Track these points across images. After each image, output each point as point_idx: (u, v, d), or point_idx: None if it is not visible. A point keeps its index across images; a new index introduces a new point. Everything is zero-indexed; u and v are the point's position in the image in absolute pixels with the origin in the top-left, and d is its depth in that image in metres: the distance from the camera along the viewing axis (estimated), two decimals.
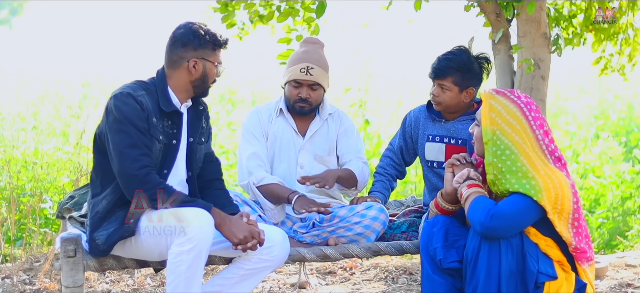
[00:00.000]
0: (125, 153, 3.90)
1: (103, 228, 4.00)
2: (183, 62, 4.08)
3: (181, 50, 4.07)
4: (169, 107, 4.07)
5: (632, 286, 5.38)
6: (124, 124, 3.91)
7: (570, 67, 18.14)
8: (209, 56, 4.11)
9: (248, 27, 6.46)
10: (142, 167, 3.91)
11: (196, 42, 4.06)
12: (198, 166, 4.31)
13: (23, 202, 6.54)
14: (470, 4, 5.88)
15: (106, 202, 4.01)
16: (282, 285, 5.70)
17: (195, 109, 4.25)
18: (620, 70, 6.79)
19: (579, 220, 3.89)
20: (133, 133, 3.92)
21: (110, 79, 17.10)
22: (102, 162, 4.05)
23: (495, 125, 3.92)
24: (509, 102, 3.95)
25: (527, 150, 3.88)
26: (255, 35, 6.73)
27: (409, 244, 4.54)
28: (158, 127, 4.03)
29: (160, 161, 4.07)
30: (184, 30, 4.09)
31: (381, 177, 5.05)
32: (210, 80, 4.17)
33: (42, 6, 29.83)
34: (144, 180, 3.90)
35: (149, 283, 5.64)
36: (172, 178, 4.13)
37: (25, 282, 5.54)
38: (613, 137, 11.58)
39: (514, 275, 3.84)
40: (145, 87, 4.08)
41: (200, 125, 4.27)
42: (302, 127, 4.91)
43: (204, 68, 4.10)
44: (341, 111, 5.02)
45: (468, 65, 4.71)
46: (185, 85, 4.13)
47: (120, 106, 3.94)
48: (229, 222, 4.01)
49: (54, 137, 9.48)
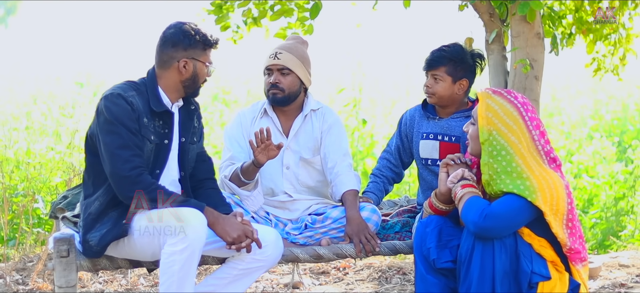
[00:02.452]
0: (116, 154, 3.89)
1: (96, 230, 3.99)
2: (173, 62, 4.07)
3: (171, 50, 4.06)
4: (159, 107, 4.06)
5: (625, 286, 5.38)
6: (115, 124, 3.91)
7: (564, 68, 18.17)
8: (200, 56, 4.10)
9: (242, 30, 6.45)
10: (134, 168, 3.90)
11: (186, 42, 4.06)
12: (190, 166, 4.30)
13: (16, 202, 6.53)
14: (464, 3, 5.88)
15: (99, 203, 4.01)
16: (276, 285, 5.69)
17: (186, 108, 4.24)
18: (614, 71, 6.79)
19: (573, 220, 3.90)
20: (124, 134, 3.91)
21: (103, 78, 17.09)
22: (94, 163, 4.04)
23: (492, 125, 3.92)
24: (506, 102, 3.95)
25: (522, 150, 3.88)
26: (250, 36, 6.72)
27: (402, 244, 4.53)
28: (149, 127, 4.02)
29: (152, 161, 4.06)
30: (174, 30, 4.08)
31: (376, 178, 5.04)
32: (201, 80, 4.16)
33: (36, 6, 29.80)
34: (136, 180, 3.90)
35: (142, 283, 5.64)
36: (164, 178, 4.12)
37: (18, 282, 5.53)
38: (606, 137, 11.60)
39: (507, 276, 3.84)
40: (136, 87, 4.07)
41: (192, 125, 4.26)
42: (286, 125, 4.87)
43: (194, 68, 4.10)
44: (327, 107, 4.95)
45: (461, 56, 4.74)
46: (175, 85, 4.12)
47: (110, 107, 3.93)
48: (222, 221, 4.00)
49: (46, 136, 9.46)
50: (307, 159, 4.83)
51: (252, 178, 4.60)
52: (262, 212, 4.75)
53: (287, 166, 4.82)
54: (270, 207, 4.80)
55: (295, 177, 4.82)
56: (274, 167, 4.79)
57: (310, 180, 4.86)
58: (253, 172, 4.56)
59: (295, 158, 4.82)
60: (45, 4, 28.90)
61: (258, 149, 4.45)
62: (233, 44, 6.55)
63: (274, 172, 4.81)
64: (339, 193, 4.72)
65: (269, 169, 4.77)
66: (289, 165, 4.82)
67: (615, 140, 11.24)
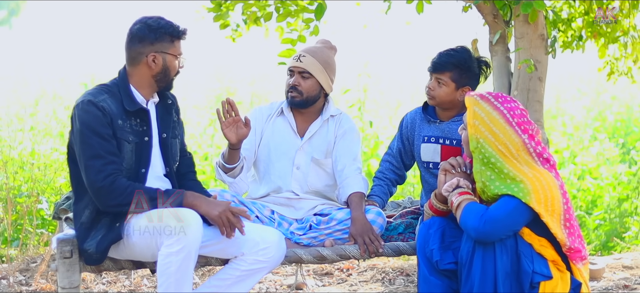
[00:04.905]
0: (89, 165, 3.87)
1: (91, 238, 3.97)
2: (142, 57, 4.04)
3: (139, 45, 4.04)
4: (133, 106, 4.03)
5: (628, 287, 5.38)
6: (86, 134, 3.88)
7: (569, 70, 18.16)
8: (168, 49, 4.07)
9: (241, 28, 6.45)
10: (107, 176, 3.87)
11: (153, 36, 4.03)
12: (175, 160, 4.27)
13: (20, 202, 6.54)
14: (468, 5, 5.88)
15: (88, 212, 3.99)
16: (279, 286, 5.69)
17: (163, 103, 4.21)
18: (628, 74, 6.77)
19: (570, 220, 3.89)
20: (95, 143, 3.88)
21: (107, 79, 17.05)
22: (76, 172, 4.03)
23: (479, 134, 3.92)
24: (492, 109, 3.94)
25: (511, 157, 3.87)
26: (254, 35, 6.72)
27: (405, 245, 4.53)
28: (125, 128, 4.00)
29: (134, 161, 4.04)
30: (139, 25, 4.06)
31: (380, 181, 5.03)
32: (173, 73, 4.12)
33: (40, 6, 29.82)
34: (110, 189, 3.87)
35: (146, 284, 5.64)
36: (150, 176, 4.11)
37: (21, 282, 5.53)
38: (609, 138, 11.59)
39: (509, 276, 3.84)
40: (108, 89, 4.04)
41: (171, 119, 4.23)
42: (302, 127, 4.88)
43: (164, 61, 4.06)
44: (344, 114, 4.96)
45: (468, 64, 4.71)
46: (147, 81, 4.09)
47: (81, 115, 3.91)
48: (202, 200, 4.01)
49: (51, 137, 9.48)
50: (319, 160, 4.83)
51: (235, 163, 4.60)
52: (267, 210, 4.75)
53: (298, 166, 4.82)
54: (275, 204, 4.79)
55: (304, 177, 4.82)
56: (284, 166, 4.81)
57: (319, 182, 4.86)
58: (231, 154, 4.56)
59: (306, 159, 4.83)
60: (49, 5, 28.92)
61: (225, 123, 4.44)
62: (232, 42, 6.55)
63: (284, 171, 4.82)
64: (345, 195, 4.73)
65: (278, 167, 4.79)
66: (300, 165, 4.82)
67: (620, 142, 11.22)
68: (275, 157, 4.83)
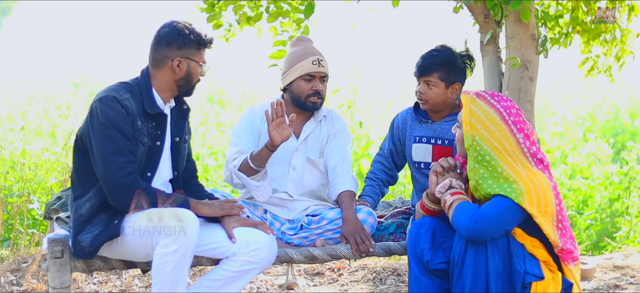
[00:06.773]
0: (111, 160, 3.88)
1: (88, 231, 3.97)
2: (167, 61, 4.06)
3: (165, 49, 4.06)
4: (153, 109, 4.05)
5: (619, 287, 5.39)
6: (110, 129, 3.89)
7: (559, 70, 18.20)
8: (194, 55, 4.10)
9: (234, 29, 6.45)
10: (128, 174, 3.90)
11: (180, 41, 4.05)
12: (183, 165, 4.31)
13: (10, 202, 6.53)
14: (459, 5, 5.89)
15: (90, 205, 3.99)
16: (270, 286, 5.69)
17: (179, 108, 4.24)
18: (607, 72, 6.79)
19: (562, 221, 3.90)
20: (119, 139, 3.90)
21: (99, 79, 17.07)
22: (84, 164, 4.02)
23: (475, 131, 3.92)
24: (488, 106, 3.94)
25: (506, 155, 3.88)
26: (246, 36, 6.73)
27: (396, 245, 4.53)
28: (142, 129, 4.01)
29: (143, 163, 4.05)
30: (168, 29, 4.07)
31: (372, 182, 5.04)
32: (195, 79, 4.16)
33: (32, 6, 29.78)
34: (130, 188, 3.90)
35: (137, 284, 5.63)
36: (156, 180, 4.12)
37: (12, 282, 5.52)
38: (601, 138, 11.62)
39: (501, 276, 3.85)
40: (130, 89, 4.05)
41: (184, 124, 4.26)
42: (296, 128, 4.86)
43: (188, 67, 4.09)
44: (336, 113, 4.96)
45: (453, 60, 4.73)
46: (169, 85, 4.11)
47: (106, 111, 3.91)
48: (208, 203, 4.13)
49: (42, 137, 9.46)
50: (313, 160, 4.83)
51: (263, 166, 4.58)
52: (260, 210, 4.75)
53: (294, 167, 4.82)
54: (268, 204, 4.79)
55: (300, 178, 4.82)
56: (280, 167, 4.80)
57: (314, 182, 4.85)
58: (265, 157, 4.53)
59: (302, 160, 4.82)
60: (40, 4, 28.89)
61: (273, 124, 4.43)
62: (225, 42, 6.55)
63: (280, 172, 4.81)
64: (335, 194, 4.73)
65: (275, 168, 4.78)
66: (296, 166, 4.82)
67: (611, 141, 11.26)
68: (272, 159, 4.81)
